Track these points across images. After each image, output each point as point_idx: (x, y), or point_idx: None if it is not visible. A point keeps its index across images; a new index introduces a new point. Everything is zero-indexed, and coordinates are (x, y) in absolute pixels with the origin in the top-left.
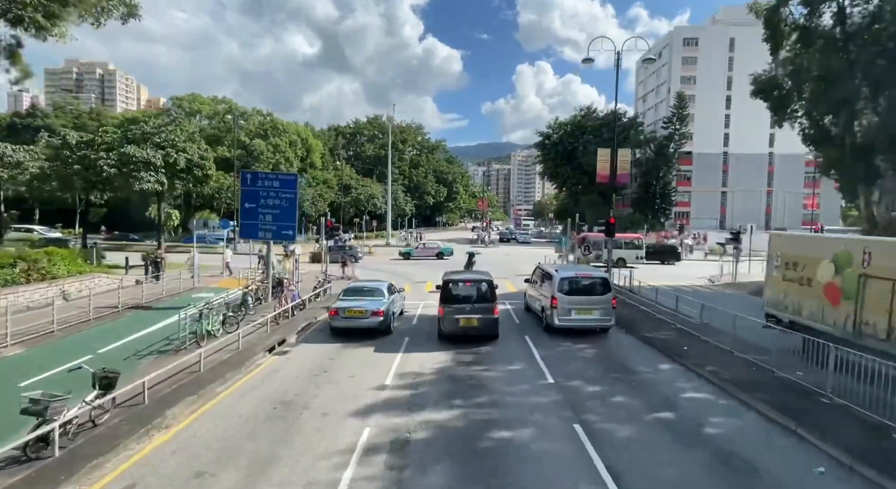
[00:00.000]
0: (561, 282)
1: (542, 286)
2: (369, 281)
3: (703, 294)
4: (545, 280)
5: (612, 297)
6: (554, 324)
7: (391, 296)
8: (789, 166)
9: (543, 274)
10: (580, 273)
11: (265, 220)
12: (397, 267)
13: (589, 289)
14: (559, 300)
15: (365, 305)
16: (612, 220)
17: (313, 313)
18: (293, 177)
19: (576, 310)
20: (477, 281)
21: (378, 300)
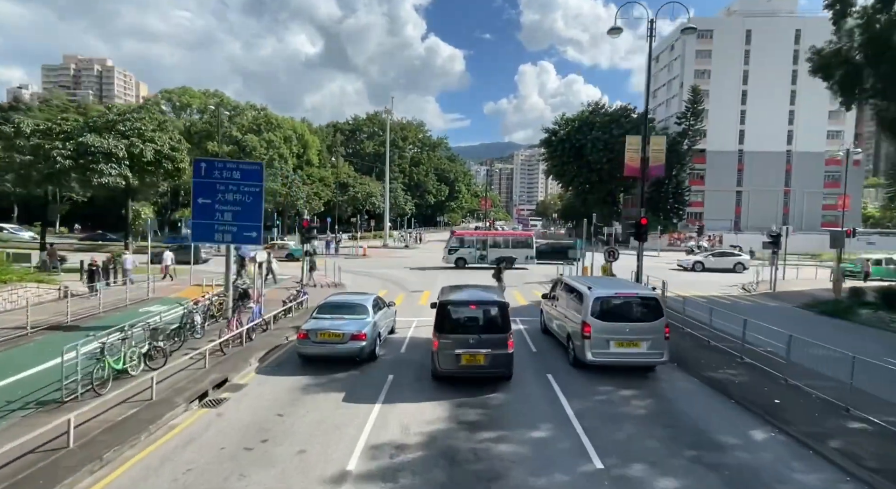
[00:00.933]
0: (596, 302)
1: (566, 305)
2: (351, 294)
3: (743, 307)
4: (572, 298)
5: (664, 325)
6: (586, 359)
7: (377, 314)
8: (808, 165)
9: (569, 290)
10: (621, 291)
11: (223, 218)
12: (391, 272)
13: (633, 312)
14: (593, 327)
15: (343, 327)
16: (644, 220)
17: (282, 334)
18: (258, 166)
19: (615, 341)
20: (485, 303)
21: (360, 319)
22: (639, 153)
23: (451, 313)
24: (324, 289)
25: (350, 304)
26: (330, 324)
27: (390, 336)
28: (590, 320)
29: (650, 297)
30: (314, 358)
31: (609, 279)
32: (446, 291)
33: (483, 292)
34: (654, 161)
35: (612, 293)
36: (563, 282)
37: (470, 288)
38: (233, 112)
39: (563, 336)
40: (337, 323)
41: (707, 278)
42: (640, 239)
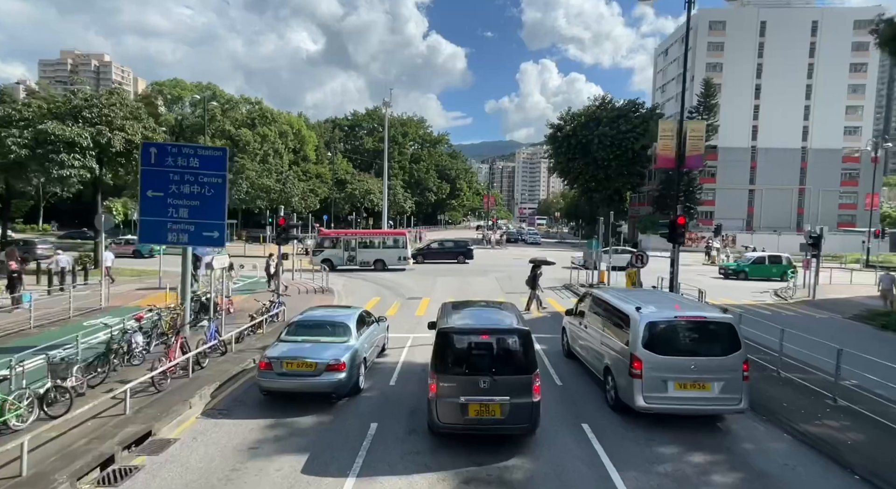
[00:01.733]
0: (648, 329)
1: (602, 327)
2: (330, 310)
3: (789, 319)
4: (609, 318)
5: (742, 360)
6: (635, 404)
7: (362, 335)
8: (824, 162)
9: (605, 307)
10: (683, 313)
11: (178, 215)
12: (387, 275)
13: (701, 342)
14: (645, 362)
15: (316, 353)
16: (681, 219)
17: (246, 357)
18: (220, 152)
19: (676, 381)
20: (501, 331)
21: (339, 343)
22: (673, 140)
23: (455, 345)
24: (308, 296)
25: (327, 323)
26: (300, 350)
27: (379, 360)
28: (640, 353)
29: (723, 322)
30: (280, 394)
31: (658, 294)
32: (447, 312)
33: (496, 313)
34: (691, 149)
35: (669, 316)
36: (595, 297)
37: (478, 306)
38: (226, 105)
39: (598, 368)
40: (310, 348)
41: (734, 284)
42: (676, 241)
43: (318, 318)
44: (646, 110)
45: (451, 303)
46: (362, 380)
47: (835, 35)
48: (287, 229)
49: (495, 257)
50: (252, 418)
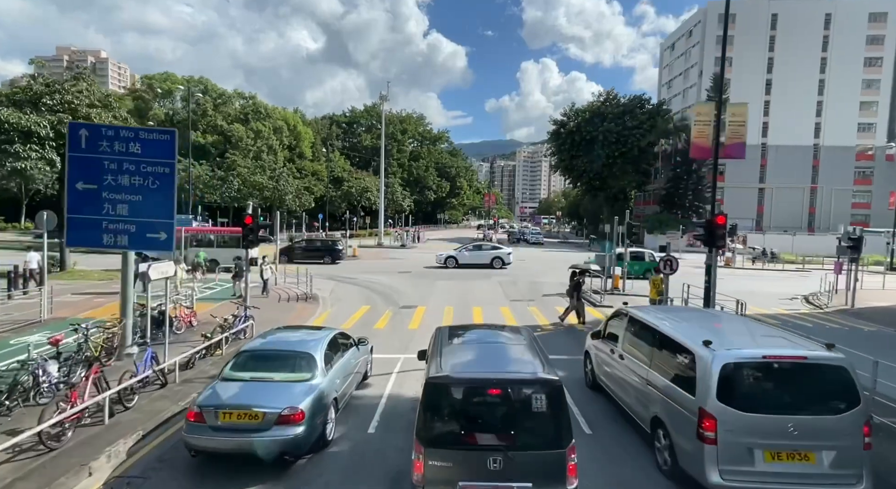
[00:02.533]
0: (727, 374)
1: (648, 361)
2: (295, 332)
3: (835, 333)
4: (662, 353)
5: (862, 419)
6: (708, 480)
7: (332, 369)
8: (837, 160)
9: (655, 337)
10: (774, 352)
11: (114, 212)
12: (381, 278)
13: (802, 394)
14: (721, 422)
15: (265, 400)
16: (721, 218)
17: (189, 392)
18: (168, 135)
19: (767, 450)
20: (518, 382)
21: (299, 382)
22: (710, 125)
23: (451, 404)
24: (287, 306)
25: (287, 354)
26: (245, 395)
27: (359, 392)
28: (714, 407)
29: (833, 364)
30: (214, 454)
31: (722, 318)
32: (441, 344)
33: (509, 348)
34: (731, 136)
35: (755, 355)
36: (635, 319)
37: (483, 334)
38: (219, 100)
39: (643, 416)
40: (258, 391)
41: (752, 286)
42: (716, 245)
43: (275, 347)
44: (652, 106)
45: (447, 329)
46: (332, 428)
47: (849, 28)
48: (255, 229)
49: None
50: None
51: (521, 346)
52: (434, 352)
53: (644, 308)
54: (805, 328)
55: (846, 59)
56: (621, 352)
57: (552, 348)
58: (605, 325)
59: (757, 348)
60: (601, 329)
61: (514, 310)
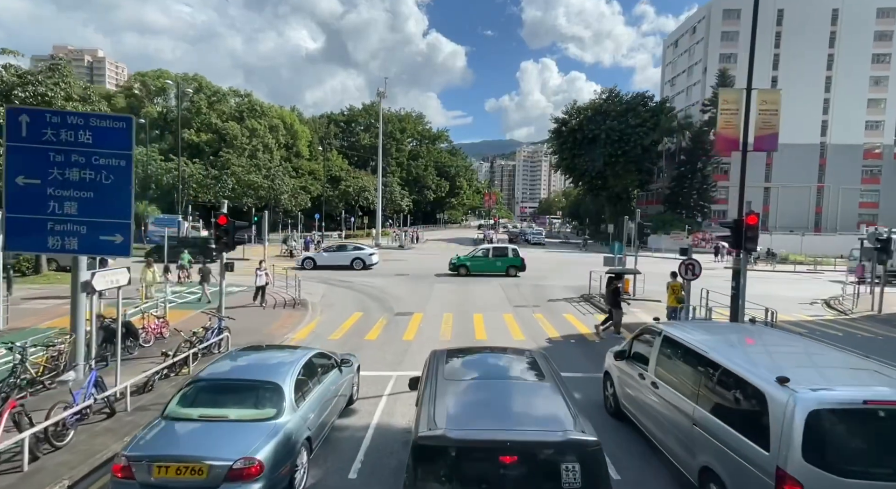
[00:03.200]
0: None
1: (695, 397)
2: (263, 354)
3: (869, 343)
4: (714, 386)
5: None
6: None
7: (307, 399)
8: (844, 158)
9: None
10: (877, 396)
11: (62, 211)
12: (376, 281)
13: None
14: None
15: (213, 447)
16: (753, 218)
17: (147, 419)
18: (123, 123)
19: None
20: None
21: (260, 422)
22: (739, 115)
23: (448, 476)
24: (272, 313)
25: (246, 385)
26: (187, 441)
27: (343, 421)
28: (799, 469)
29: None
30: None
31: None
32: (436, 376)
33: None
34: (762, 127)
35: (854, 399)
36: (672, 340)
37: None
38: (213, 98)
39: (688, 463)
40: (206, 434)
41: (766, 290)
42: (746, 248)
43: (233, 376)
44: (655, 104)
45: (444, 354)
46: (302, 476)
47: (856, 24)
48: (230, 230)
49: None
50: None
51: (541, 385)
52: (426, 391)
53: (681, 325)
54: (834, 337)
55: (854, 56)
56: (654, 380)
57: (563, 363)
58: (631, 344)
59: (853, 388)
60: (626, 348)
61: (518, 318)
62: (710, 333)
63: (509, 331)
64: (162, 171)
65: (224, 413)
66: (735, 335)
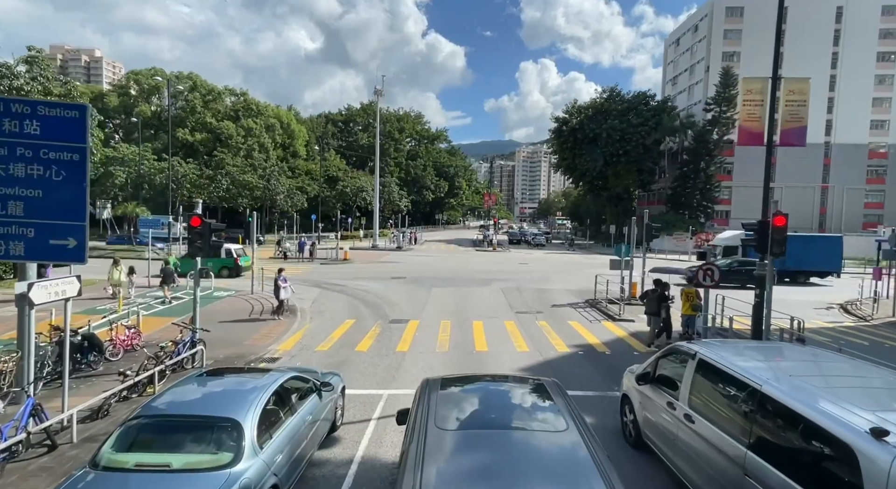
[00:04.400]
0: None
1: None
2: (224, 380)
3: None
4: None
5: None
6: None
7: (274, 440)
8: (849, 158)
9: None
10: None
11: (4, 212)
12: (372, 285)
13: None
14: None
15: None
16: (781, 219)
17: (80, 458)
18: (76, 111)
19: None
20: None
21: (208, 472)
22: (763, 106)
23: None
24: (255, 326)
25: (198, 422)
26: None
27: (323, 452)
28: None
29: None
30: None
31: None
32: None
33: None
34: (789, 119)
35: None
36: (705, 363)
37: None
38: (208, 96)
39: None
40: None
41: (776, 294)
42: (773, 252)
43: (182, 411)
44: (657, 103)
45: (438, 385)
46: None
47: (861, 22)
48: (205, 234)
49: (499, 262)
50: None
51: (561, 438)
52: (413, 446)
53: (719, 346)
54: (861, 347)
55: (858, 54)
56: (688, 411)
57: (574, 380)
58: (656, 365)
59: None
60: (650, 369)
61: (521, 326)
62: (761, 359)
63: (512, 341)
64: (155, 170)
65: (167, 460)
66: (792, 362)
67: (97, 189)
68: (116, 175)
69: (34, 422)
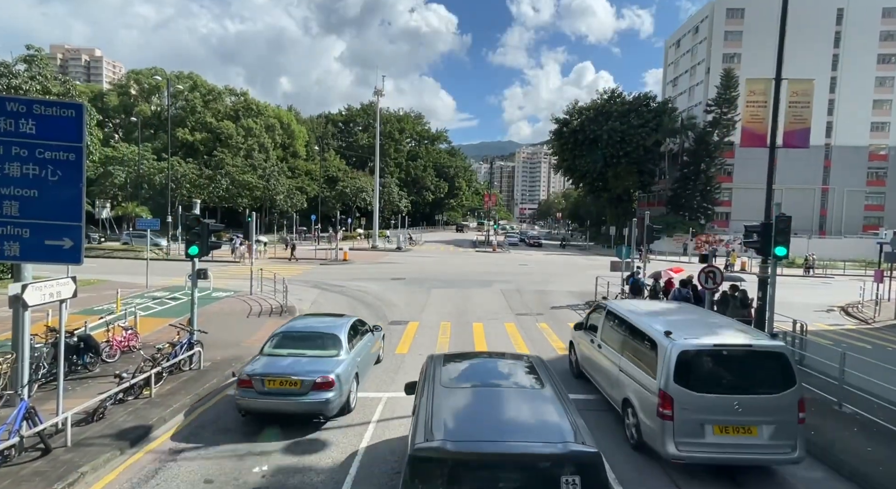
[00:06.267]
0: (683, 360)
1: (620, 349)
2: (319, 319)
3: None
4: (632, 342)
5: (797, 397)
6: (665, 451)
7: (354, 347)
8: (849, 160)
9: (626, 329)
10: (725, 341)
11: (0, 212)
12: (371, 286)
13: (746, 377)
14: (678, 402)
15: (302, 370)
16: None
17: (91, 457)
18: (72, 110)
19: (716, 424)
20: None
21: (328, 357)
22: (766, 107)
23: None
24: (258, 321)
25: (316, 335)
26: (285, 366)
27: (316, 459)
28: (672, 390)
29: (774, 351)
30: (260, 415)
31: (688, 311)
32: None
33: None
34: (793, 121)
35: (708, 343)
36: (611, 312)
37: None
38: (208, 96)
39: (615, 398)
40: (295, 363)
41: (776, 296)
42: (773, 255)
43: (306, 329)
44: (657, 104)
45: (441, 359)
46: (354, 397)
47: (861, 24)
48: (203, 234)
49: (498, 263)
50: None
51: (541, 393)
52: (423, 399)
53: (619, 301)
54: (863, 350)
55: (859, 56)
56: (600, 343)
57: (573, 385)
58: (588, 317)
59: (710, 337)
60: (584, 321)
61: (521, 327)
62: (636, 306)
63: (512, 343)
64: (154, 170)
65: (303, 351)
66: (654, 309)
67: (96, 189)
68: (116, 175)
69: (27, 425)
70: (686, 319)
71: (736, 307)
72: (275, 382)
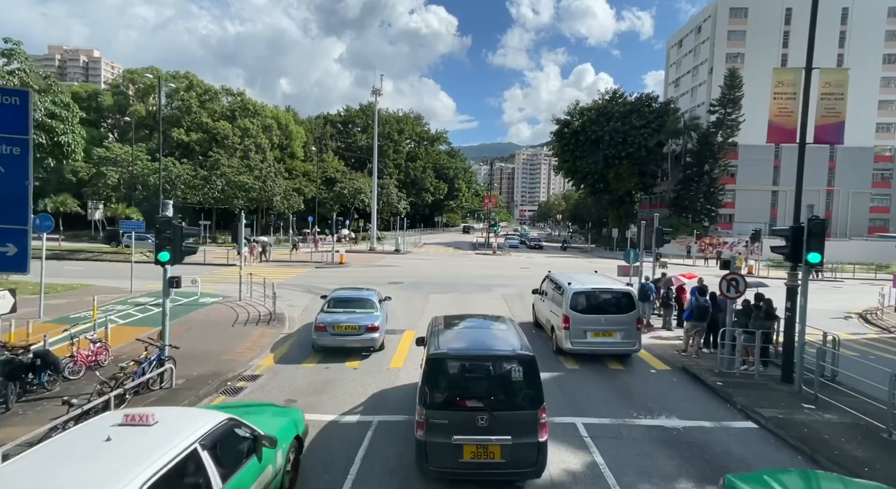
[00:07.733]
0: (574, 296)
1: (552, 299)
2: (356, 291)
3: None
4: (556, 293)
5: (636, 317)
6: (564, 347)
7: (382, 308)
8: (854, 161)
9: (554, 285)
10: (598, 286)
11: None
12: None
13: (609, 305)
14: (572, 319)
15: (358, 320)
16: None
17: None
18: (16, 97)
19: (592, 331)
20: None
21: (370, 313)
22: (796, 99)
23: (446, 376)
24: (244, 330)
25: (359, 299)
26: (346, 318)
27: None
28: (569, 313)
29: (623, 292)
30: (330, 349)
31: (587, 275)
32: (438, 328)
33: (495, 332)
34: (826, 114)
35: (589, 288)
36: (549, 278)
37: (474, 322)
38: (204, 96)
39: (548, 328)
40: (351, 316)
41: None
42: (805, 262)
43: (351, 296)
44: (659, 105)
45: (442, 318)
46: (382, 340)
47: (867, 24)
48: (175, 238)
49: (499, 266)
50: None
51: (505, 330)
52: (432, 336)
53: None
54: (891, 363)
55: (864, 56)
56: (543, 298)
57: (588, 408)
58: (541, 285)
59: (592, 285)
60: (539, 288)
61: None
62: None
63: None
64: (148, 171)
65: (352, 309)
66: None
67: (89, 189)
68: (109, 175)
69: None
70: (582, 276)
71: (759, 318)
72: (342, 327)
